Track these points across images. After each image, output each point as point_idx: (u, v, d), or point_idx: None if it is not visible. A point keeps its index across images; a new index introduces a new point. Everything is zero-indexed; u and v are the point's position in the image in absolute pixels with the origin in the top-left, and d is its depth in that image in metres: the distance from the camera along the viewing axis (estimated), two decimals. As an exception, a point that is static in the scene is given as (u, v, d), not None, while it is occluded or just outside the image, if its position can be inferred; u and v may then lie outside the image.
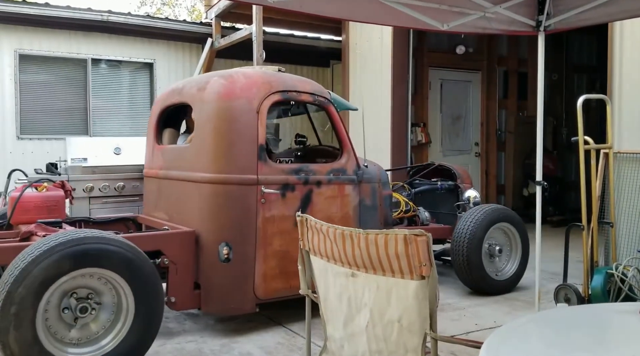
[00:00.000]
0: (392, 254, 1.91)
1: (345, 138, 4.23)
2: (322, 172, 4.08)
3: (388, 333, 1.97)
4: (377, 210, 4.40)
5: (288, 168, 3.97)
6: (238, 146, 3.73)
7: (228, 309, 3.82)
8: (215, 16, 8.66)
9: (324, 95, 4.17)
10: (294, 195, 3.92)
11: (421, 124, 8.00)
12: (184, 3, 23.79)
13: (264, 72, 4.10)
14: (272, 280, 3.84)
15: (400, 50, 7.00)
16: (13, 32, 7.70)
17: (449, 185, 5.47)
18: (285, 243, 3.87)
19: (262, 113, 3.79)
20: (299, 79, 4.24)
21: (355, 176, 4.23)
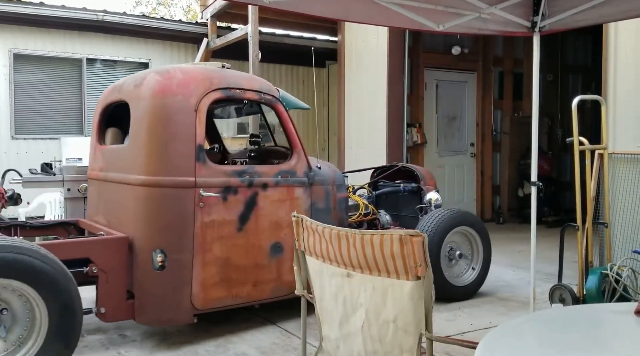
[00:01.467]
0: (388, 254, 1.91)
1: (295, 138, 4.05)
2: (269, 174, 3.90)
3: (383, 334, 1.97)
4: (330, 214, 4.25)
5: (230, 170, 3.78)
6: (173, 146, 3.53)
7: (163, 320, 3.62)
8: (211, 16, 8.65)
9: (271, 93, 3.99)
10: (236, 199, 3.74)
11: (417, 125, 8.01)
12: (180, 3, 23.75)
13: (204, 68, 3.91)
14: (212, 289, 3.65)
15: (396, 51, 7.01)
16: (8, 31, 7.67)
17: (412, 187, 5.27)
18: (227, 250, 3.70)
19: (200, 111, 3.59)
20: (245, 76, 4.06)
21: (306, 178, 4.06)
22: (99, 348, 3.59)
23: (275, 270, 3.95)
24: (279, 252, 3.95)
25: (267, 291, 3.93)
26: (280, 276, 3.96)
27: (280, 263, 3.96)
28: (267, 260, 3.90)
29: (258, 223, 3.84)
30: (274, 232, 3.92)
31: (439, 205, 4.94)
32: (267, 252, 3.90)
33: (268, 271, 3.91)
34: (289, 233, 3.90)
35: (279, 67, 9.75)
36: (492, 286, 5.10)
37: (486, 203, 8.91)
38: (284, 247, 3.96)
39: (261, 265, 3.88)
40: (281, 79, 9.84)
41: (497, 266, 5.91)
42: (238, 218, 3.75)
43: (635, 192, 4.59)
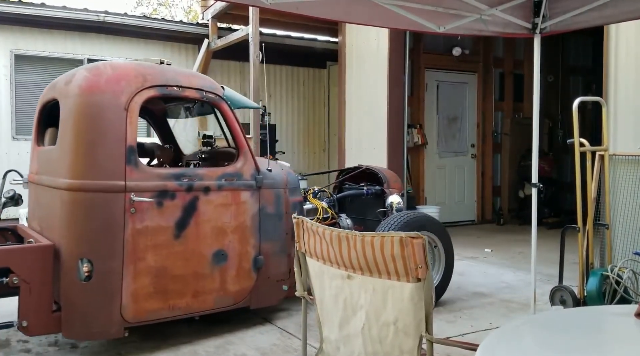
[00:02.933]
0: (388, 256, 1.91)
1: (242, 139, 3.84)
2: (211, 177, 3.69)
3: (384, 335, 1.96)
4: (282, 219, 4.06)
5: (166, 173, 3.56)
6: (101, 148, 3.30)
7: (91, 334, 3.35)
8: (212, 17, 8.66)
9: (214, 92, 3.77)
10: (173, 204, 3.50)
11: (417, 125, 8.01)
12: (181, 4, 23.76)
13: (139, 64, 3.66)
14: (145, 300, 3.41)
15: (397, 52, 7.01)
16: (9, 32, 7.68)
17: (375, 190, 5.07)
18: (163, 258, 3.46)
19: (132, 110, 3.36)
20: (185, 72, 3.85)
21: (254, 181, 3.87)
22: (99, 348, 3.59)
23: (219, 280, 3.72)
24: (223, 260, 3.72)
25: (210, 302, 3.70)
26: (224, 286, 3.74)
27: (224, 272, 3.74)
28: (209, 268, 3.67)
29: (199, 229, 3.61)
30: (216, 238, 3.69)
31: (400, 209, 4.74)
32: (208, 260, 3.66)
33: (210, 280, 3.68)
34: (235, 239, 3.78)
35: (279, 68, 9.76)
36: (492, 288, 5.10)
37: (486, 205, 8.91)
38: (229, 255, 3.75)
39: (202, 275, 3.64)
40: (282, 79, 9.85)
41: (497, 267, 5.92)
42: (175, 224, 3.51)
43: (635, 194, 4.59)
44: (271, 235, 3.99)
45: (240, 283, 3.84)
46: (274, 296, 4.10)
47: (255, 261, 3.90)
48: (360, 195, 5.11)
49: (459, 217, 8.63)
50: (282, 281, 4.11)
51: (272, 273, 4.02)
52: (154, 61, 3.75)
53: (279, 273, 4.08)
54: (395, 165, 6.98)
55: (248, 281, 3.88)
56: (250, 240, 3.88)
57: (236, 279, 3.81)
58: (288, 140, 9.84)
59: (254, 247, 3.90)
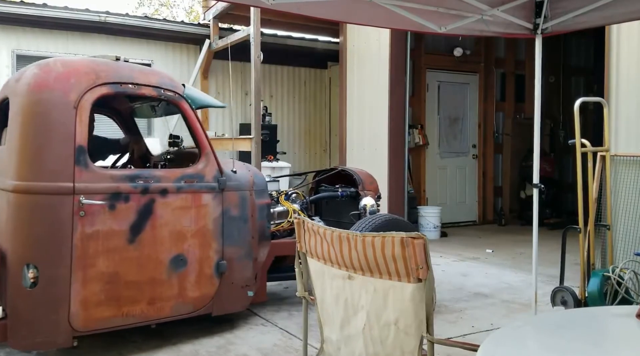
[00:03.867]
0: (389, 257, 1.91)
1: (204, 139, 3.71)
2: (169, 178, 3.55)
3: (385, 336, 1.97)
4: (247, 222, 3.91)
5: (119, 175, 3.42)
6: (48, 148, 3.16)
7: (37, 343, 3.19)
8: (213, 17, 8.66)
9: (173, 90, 3.62)
10: (127, 207, 3.35)
11: (418, 126, 8.01)
12: (182, 4, 23.79)
13: (92, 61, 3.52)
14: (96, 308, 3.26)
15: (398, 52, 7.01)
16: (11, 32, 7.68)
17: (350, 192, 4.96)
18: (115, 264, 3.31)
19: (82, 108, 3.21)
20: (142, 69, 3.68)
21: (217, 183, 3.72)
22: (99, 349, 3.59)
23: (177, 286, 3.56)
24: (182, 265, 3.57)
25: (167, 309, 3.55)
26: (183, 292, 3.59)
27: (183, 278, 3.59)
28: (167, 274, 3.52)
29: (155, 233, 3.46)
30: (175, 243, 3.54)
31: (374, 211, 4.61)
32: (166, 266, 3.51)
33: (168, 287, 3.53)
34: (196, 244, 3.62)
35: (280, 69, 9.76)
36: (493, 288, 5.10)
37: (488, 205, 8.91)
38: (188, 260, 3.59)
39: (159, 281, 3.49)
40: (283, 80, 9.85)
41: (498, 268, 5.91)
42: (129, 228, 3.36)
43: (637, 194, 4.59)
44: (235, 239, 3.83)
45: (201, 290, 3.68)
46: (238, 303, 3.93)
47: (217, 266, 3.74)
48: (335, 197, 5.01)
49: (460, 218, 8.63)
50: (247, 286, 3.94)
51: (236, 278, 3.85)
52: (110, 57, 3.60)
53: (244, 278, 3.91)
54: (396, 166, 6.98)
55: (210, 288, 3.72)
56: (212, 244, 3.71)
57: (196, 285, 3.65)
58: (289, 140, 9.84)
59: (217, 252, 3.74)
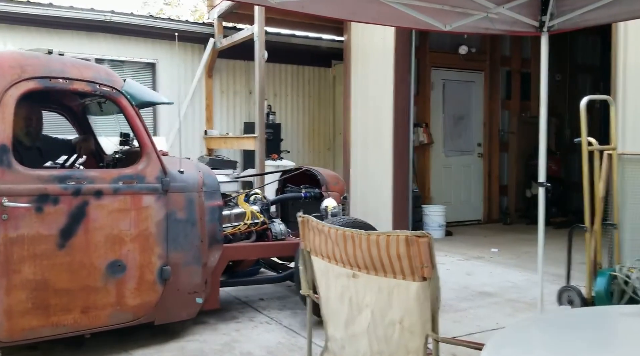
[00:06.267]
0: (394, 255, 1.90)
1: (145, 138, 3.51)
2: (105, 179, 3.36)
3: (389, 334, 1.96)
4: (195, 225, 3.73)
5: (48, 176, 3.20)
6: None
7: None
8: (218, 16, 8.66)
9: (110, 85, 3.43)
10: (57, 210, 3.17)
11: (423, 125, 7.99)
12: (186, 3, 23.82)
13: (19, 54, 3.34)
14: (21, 318, 3.08)
15: (403, 51, 6.99)
16: (17, 32, 7.71)
17: (314, 193, 4.78)
18: (43, 270, 3.13)
19: (5, 104, 3.04)
20: (76, 63, 3.47)
21: (160, 184, 3.53)
22: (105, 347, 3.60)
23: (115, 293, 3.38)
24: (119, 271, 3.39)
25: (103, 318, 3.37)
26: (121, 300, 3.41)
27: (120, 285, 3.40)
28: (102, 281, 3.34)
29: (89, 238, 3.28)
30: (112, 248, 3.36)
31: (335, 213, 4.46)
32: (101, 272, 3.33)
33: (104, 294, 3.35)
34: (135, 249, 3.45)
35: (284, 67, 9.75)
36: (498, 288, 5.08)
37: (493, 204, 8.87)
38: (127, 266, 3.41)
39: (93, 288, 3.31)
40: (287, 78, 9.85)
41: (503, 267, 5.89)
42: (59, 232, 3.19)
43: (644, 193, 4.55)
44: (182, 243, 3.65)
45: (142, 297, 3.49)
46: (185, 310, 3.74)
47: (160, 272, 3.55)
48: (298, 198, 4.82)
49: (465, 217, 8.60)
50: (195, 293, 3.75)
51: (182, 285, 3.67)
52: (42, 50, 3.41)
53: (191, 284, 3.72)
54: (401, 165, 6.96)
55: (152, 295, 3.52)
56: (154, 249, 3.53)
57: (137, 292, 3.46)
58: (293, 139, 9.84)
59: (160, 257, 3.55)
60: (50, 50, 3.40)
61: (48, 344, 3.42)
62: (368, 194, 7.35)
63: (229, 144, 8.71)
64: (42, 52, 3.38)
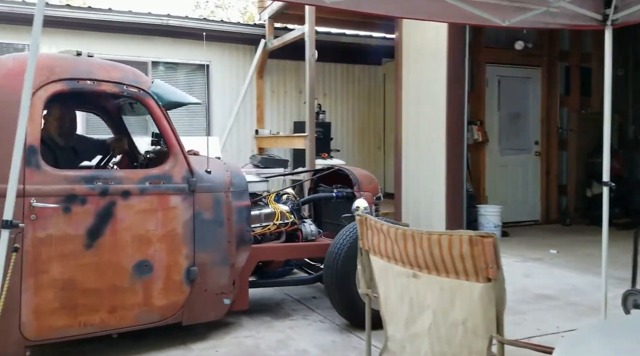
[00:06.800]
0: (457, 255, 1.87)
1: (172, 139, 3.51)
2: (132, 180, 3.37)
3: (452, 336, 1.93)
4: (223, 226, 3.70)
5: (75, 176, 3.22)
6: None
7: None
8: (269, 17, 8.77)
9: (137, 86, 3.44)
10: (84, 210, 3.19)
11: (478, 122, 7.81)
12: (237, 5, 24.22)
13: (47, 56, 3.38)
14: (49, 317, 3.10)
15: (456, 47, 6.85)
16: (79, 37, 8.05)
17: (346, 193, 4.68)
18: (71, 270, 3.15)
19: (34, 106, 3.06)
20: (104, 64, 3.49)
21: (186, 184, 3.53)
22: (164, 340, 3.71)
23: (142, 294, 3.39)
24: (147, 271, 3.39)
25: (130, 318, 3.37)
26: (148, 300, 3.41)
27: (148, 285, 3.40)
28: (129, 281, 3.34)
29: (116, 238, 3.29)
30: (139, 248, 3.36)
31: (367, 213, 4.48)
32: (128, 272, 3.34)
33: (131, 294, 3.36)
34: (162, 249, 3.44)
35: (334, 66, 9.76)
36: (558, 291, 4.91)
37: (551, 204, 8.58)
38: (154, 266, 3.41)
39: (120, 288, 3.32)
40: (337, 77, 9.86)
41: (563, 269, 5.69)
42: (86, 232, 3.20)
43: None
44: (209, 243, 3.63)
45: (169, 297, 3.48)
46: (213, 311, 3.71)
47: (188, 272, 3.54)
48: (329, 198, 4.75)
49: (521, 217, 8.35)
50: (223, 294, 3.72)
51: (210, 285, 3.65)
52: (71, 52, 3.43)
53: (219, 285, 3.69)
54: (454, 163, 6.83)
55: (179, 295, 3.52)
56: (181, 249, 3.52)
57: (163, 293, 3.45)
58: (343, 138, 9.83)
59: (187, 257, 3.53)
60: (80, 52, 3.42)
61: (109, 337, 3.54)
62: (420, 193, 7.26)
63: (279, 143, 8.81)
64: (71, 54, 3.41)
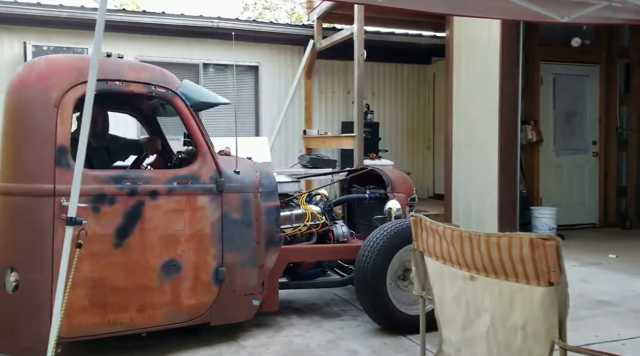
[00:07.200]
0: (517, 258, 1.82)
1: (200, 139, 3.52)
2: (160, 180, 3.38)
3: (511, 340, 1.88)
4: (251, 226, 3.68)
5: (104, 176, 3.24)
6: (28, 148, 3.08)
7: (20, 349, 3.09)
8: (317, 18, 8.80)
9: (165, 86, 3.44)
10: (113, 210, 3.21)
11: (532, 122, 7.58)
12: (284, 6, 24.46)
13: (77, 58, 3.43)
14: (79, 314, 3.12)
15: (510, 44, 6.66)
16: (134, 40, 8.32)
17: (379, 194, 4.59)
18: (100, 269, 3.17)
19: (64, 107, 3.10)
20: (133, 65, 3.54)
21: (214, 184, 3.51)
22: (215, 336, 3.76)
23: (170, 293, 3.39)
24: (175, 271, 3.39)
25: (159, 318, 3.37)
26: (177, 300, 3.41)
27: (176, 285, 3.41)
28: (158, 281, 3.35)
29: (144, 237, 3.30)
30: (167, 248, 3.37)
31: (399, 215, 4.24)
32: (157, 272, 3.34)
33: (159, 294, 3.36)
34: (190, 249, 3.44)
35: (382, 66, 9.70)
36: (619, 296, 4.70)
37: (610, 207, 8.22)
38: (182, 266, 3.41)
39: (149, 287, 3.33)
40: (385, 77, 9.79)
41: (624, 274, 5.45)
42: (115, 232, 3.23)
43: None
44: (237, 244, 3.61)
45: (197, 297, 3.48)
46: (241, 312, 3.68)
47: (216, 273, 3.53)
48: (362, 199, 4.68)
49: (578, 220, 8.04)
50: (252, 295, 3.69)
51: (238, 286, 3.62)
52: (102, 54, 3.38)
53: (247, 286, 3.67)
54: (507, 164, 6.65)
55: (207, 296, 3.51)
56: (209, 249, 3.51)
57: (192, 293, 3.46)
58: (391, 138, 9.75)
59: (215, 258, 3.53)
60: (109, 53, 3.47)
61: (162, 333, 3.61)
62: (471, 195, 7.11)
63: (327, 143, 8.83)
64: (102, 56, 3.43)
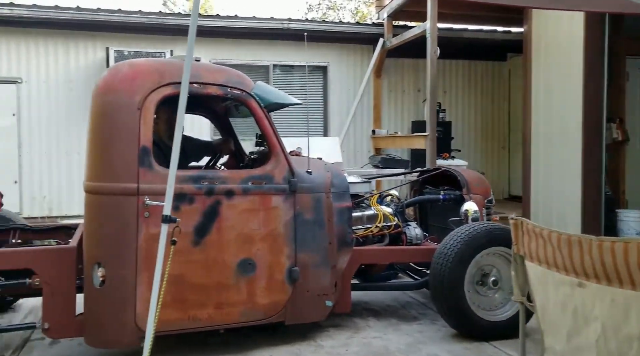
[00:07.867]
0: (634, 265, 1.71)
1: (273, 140, 3.56)
2: (235, 180, 3.45)
3: (625, 351, 1.77)
4: (323, 227, 3.68)
5: (183, 176, 3.32)
6: (113, 149, 3.22)
7: (106, 341, 3.25)
8: (387, 16, 8.72)
9: (240, 88, 3.51)
10: (192, 208, 3.31)
11: (617, 120, 7.14)
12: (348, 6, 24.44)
13: (157, 61, 3.54)
14: (161, 310, 3.13)
15: (593, 38, 6.31)
16: (208, 44, 8.55)
17: (454, 195, 4.48)
18: (180, 266, 3.24)
19: (146, 109, 3.23)
20: (209, 67, 3.61)
21: (287, 185, 3.55)
22: (293, 335, 3.79)
23: (246, 291, 3.45)
24: (250, 270, 3.45)
25: (235, 315, 3.43)
26: (252, 298, 3.46)
27: (251, 284, 3.46)
28: (234, 279, 3.41)
29: (221, 236, 3.38)
30: (242, 246, 3.43)
31: (476, 218, 4.15)
32: (233, 270, 3.41)
33: (236, 292, 3.42)
34: (265, 248, 3.48)
35: (455, 63, 9.48)
36: None
37: None
38: (257, 264, 3.46)
39: (226, 285, 3.40)
40: (457, 75, 9.56)
41: None
42: (194, 230, 3.32)
43: None
44: (310, 244, 3.63)
45: (272, 297, 3.52)
46: (314, 312, 3.69)
47: (289, 272, 3.56)
48: (436, 200, 4.58)
49: (667, 224, 7.51)
50: (325, 295, 3.70)
51: (311, 286, 3.65)
52: (179, 57, 3.56)
53: (320, 287, 3.69)
54: (591, 165, 6.31)
55: (281, 295, 3.55)
56: (283, 249, 3.55)
57: (266, 291, 3.50)
58: (464, 137, 9.51)
59: (289, 257, 3.56)
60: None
61: (248, 329, 3.68)
62: (552, 196, 6.80)
63: (397, 143, 8.72)
64: (180, 59, 3.57)
